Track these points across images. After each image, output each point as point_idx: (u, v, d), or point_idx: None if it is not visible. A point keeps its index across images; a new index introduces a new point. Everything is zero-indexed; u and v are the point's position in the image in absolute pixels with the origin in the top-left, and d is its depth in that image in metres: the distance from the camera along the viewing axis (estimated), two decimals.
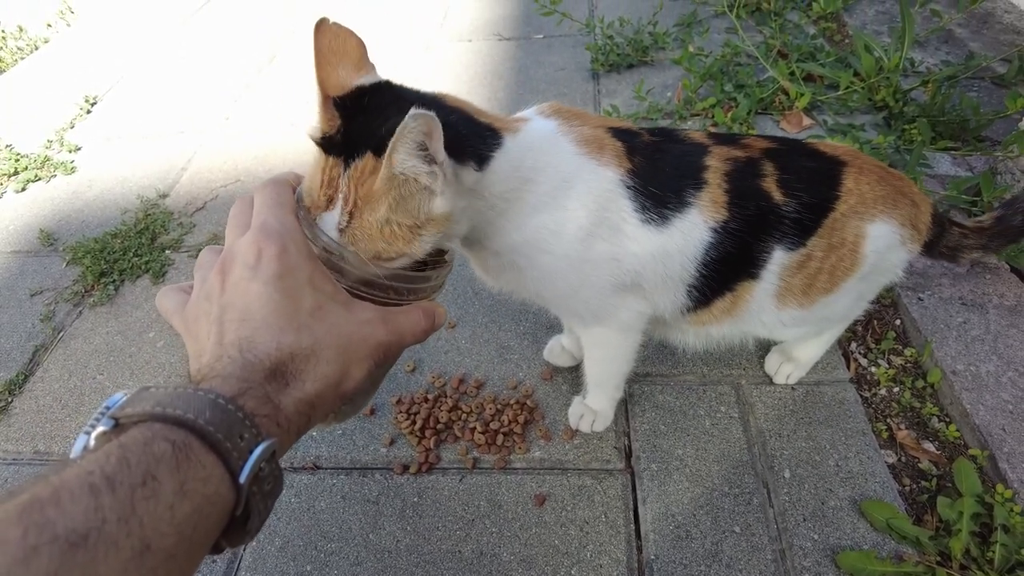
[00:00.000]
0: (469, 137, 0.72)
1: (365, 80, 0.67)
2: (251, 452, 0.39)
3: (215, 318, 0.47)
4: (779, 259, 0.95)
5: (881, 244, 0.99)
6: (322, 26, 0.66)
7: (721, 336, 1.10)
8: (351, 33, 0.68)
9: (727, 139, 0.96)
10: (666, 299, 0.98)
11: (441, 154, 0.59)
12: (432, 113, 0.54)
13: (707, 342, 1.14)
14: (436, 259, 0.68)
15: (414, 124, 0.54)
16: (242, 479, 0.38)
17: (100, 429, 0.38)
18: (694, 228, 0.89)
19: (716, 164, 0.90)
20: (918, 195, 1.03)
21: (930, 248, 1.09)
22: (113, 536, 0.32)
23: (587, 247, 0.86)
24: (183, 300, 0.52)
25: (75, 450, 0.37)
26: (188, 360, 0.49)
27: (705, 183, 0.89)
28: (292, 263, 0.49)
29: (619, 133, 0.89)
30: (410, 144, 0.57)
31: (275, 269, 0.47)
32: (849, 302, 1.09)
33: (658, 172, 0.88)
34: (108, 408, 0.39)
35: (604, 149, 0.85)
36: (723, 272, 0.94)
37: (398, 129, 0.54)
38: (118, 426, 0.38)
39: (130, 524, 0.32)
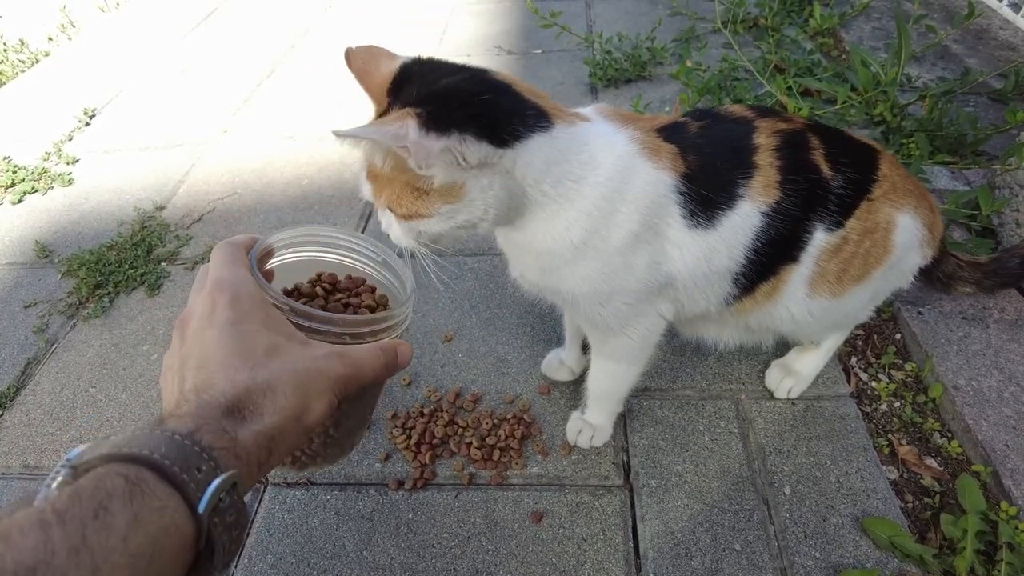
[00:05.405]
0: (498, 113, 0.72)
1: (401, 60, 0.78)
2: (210, 484, 0.39)
3: (176, 370, 0.49)
4: (819, 240, 0.94)
5: (906, 238, 0.99)
6: (349, 54, 0.78)
7: (758, 324, 1.08)
8: (371, 46, 0.79)
9: (767, 112, 0.95)
10: (708, 294, 0.97)
11: (411, 135, 0.65)
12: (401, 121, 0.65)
13: (742, 334, 1.12)
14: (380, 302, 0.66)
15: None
16: (200, 509, 0.38)
17: (59, 479, 0.38)
18: (745, 218, 0.88)
19: (765, 141, 0.89)
20: (934, 204, 1.05)
21: (928, 272, 1.09)
22: (62, 568, 0.31)
23: (633, 252, 0.85)
24: None
25: (36, 501, 0.37)
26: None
27: (756, 167, 0.88)
28: (245, 308, 0.50)
29: (668, 133, 0.87)
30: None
31: (228, 316, 0.49)
32: (866, 298, 1.08)
33: (709, 169, 0.87)
34: (69, 460, 0.39)
35: (660, 152, 0.84)
36: (771, 255, 0.92)
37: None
38: (77, 473, 0.38)
39: (80, 555, 0.32)
